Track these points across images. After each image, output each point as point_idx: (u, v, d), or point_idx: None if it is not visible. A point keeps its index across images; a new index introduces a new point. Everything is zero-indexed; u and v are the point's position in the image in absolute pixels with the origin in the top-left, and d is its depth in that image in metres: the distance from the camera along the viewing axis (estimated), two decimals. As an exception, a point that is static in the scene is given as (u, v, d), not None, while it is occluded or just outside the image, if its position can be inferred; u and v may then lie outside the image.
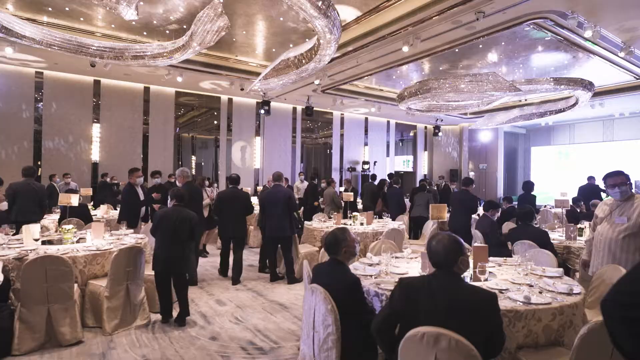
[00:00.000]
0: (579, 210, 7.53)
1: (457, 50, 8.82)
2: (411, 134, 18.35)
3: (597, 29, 6.84)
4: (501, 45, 8.86)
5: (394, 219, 7.00)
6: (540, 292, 2.59)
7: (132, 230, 5.01)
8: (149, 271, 4.17)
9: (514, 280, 2.88)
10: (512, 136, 17.86)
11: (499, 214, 5.12)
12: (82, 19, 7.58)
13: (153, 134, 11.17)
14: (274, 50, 9.14)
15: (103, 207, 7.49)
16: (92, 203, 8.28)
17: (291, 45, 8.70)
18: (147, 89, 11.02)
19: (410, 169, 18.06)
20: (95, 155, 10.41)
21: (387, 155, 16.64)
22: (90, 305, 3.68)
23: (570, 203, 7.58)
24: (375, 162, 15.71)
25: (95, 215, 7.00)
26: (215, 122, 13.78)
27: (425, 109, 12.02)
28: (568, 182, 14.97)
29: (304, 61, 7.41)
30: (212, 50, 9.07)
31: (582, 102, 10.38)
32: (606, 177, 3.41)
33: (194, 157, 17.59)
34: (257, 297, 4.72)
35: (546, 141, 17.65)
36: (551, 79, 9.25)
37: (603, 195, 8.85)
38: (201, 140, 17.25)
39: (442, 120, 15.98)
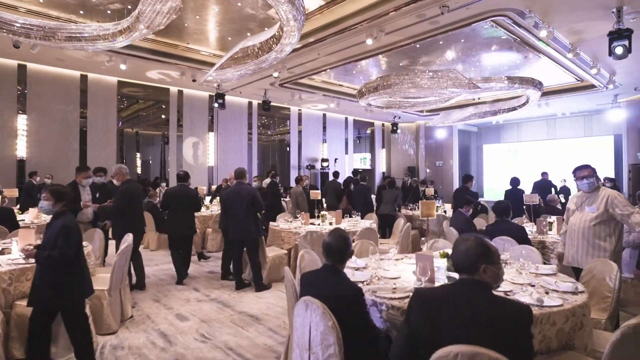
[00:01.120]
0: (537, 205, 7.73)
1: (417, 46, 8.78)
2: (368, 131, 18.36)
3: (551, 29, 7.03)
4: (460, 43, 8.93)
5: (362, 217, 6.75)
6: (547, 293, 2.39)
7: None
8: (95, 285, 3.54)
9: (513, 280, 2.69)
10: (465, 134, 18.45)
11: (471, 210, 5.00)
12: (3, -8, 6.55)
13: (92, 128, 10.09)
14: (229, 38, 8.54)
15: (32, 211, 6.50)
16: (18, 206, 7.21)
17: (249, 34, 8.17)
18: (84, 77, 9.91)
19: (367, 167, 18.07)
20: (21, 151, 9.15)
21: (346, 152, 16.50)
22: (17, 332, 3.00)
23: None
24: (336, 159, 15.52)
25: (23, 220, 6.05)
26: (164, 116, 12.81)
27: (385, 106, 11.97)
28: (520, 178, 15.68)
29: (264, 51, 6.93)
30: (160, 36, 8.30)
31: (533, 100, 10.80)
32: (575, 171, 3.60)
33: (138, 154, 16.33)
34: (224, 309, 4.21)
35: (496, 139, 18.43)
36: (505, 78, 9.52)
37: (553, 190, 9.27)
38: (147, 136, 16.03)
39: (399, 118, 16.11)
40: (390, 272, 2.85)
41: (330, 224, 5.89)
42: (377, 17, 6.76)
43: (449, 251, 2.85)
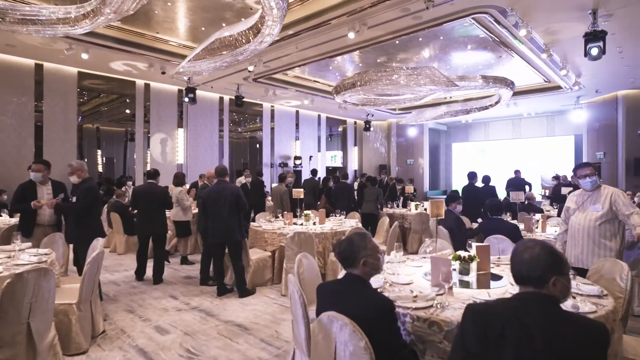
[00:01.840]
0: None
1: (397, 42, 8.69)
2: (339, 129, 18.24)
3: (529, 28, 7.13)
4: (439, 40, 8.93)
5: (345, 216, 6.55)
6: (574, 297, 2.26)
7: (29, 244, 3.77)
8: (61, 298, 3.12)
9: None
10: (435, 132, 18.73)
11: (460, 206, 4.90)
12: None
13: (49, 123, 9.28)
14: (203, 28, 8.07)
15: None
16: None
17: (224, 25, 7.74)
18: (39, 67, 9.07)
19: (338, 164, 17.94)
20: (-35, 147, 8.27)
21: (319, 150, 16.28)
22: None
23: (505, 195, 7.92)
24: (310, 157, 15.28)
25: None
26: (128, 111, 12.06)
27: (360, 103, 11.85)
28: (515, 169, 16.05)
29: (242, 42, 6.56)
30: (127, 24, 7.71)
31: (504, 100, 11.04)
32: (576, 169, 3.54)
33: (99, 152, 15.33)
34: (208, 319, 3.86)
35: (465, 138, 18.85)
36: (480, 77, 9.64)
37: (527, 187, 9.49)
38: (109, 133, 15.07)
39: (372, 116, 16.07)
40: (401, 277, 2.64)
41: (314, 223, 5.65)
42: (361, 10, 6.57)
43: (462, 253, 2.69)
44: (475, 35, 8.55)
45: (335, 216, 6.16)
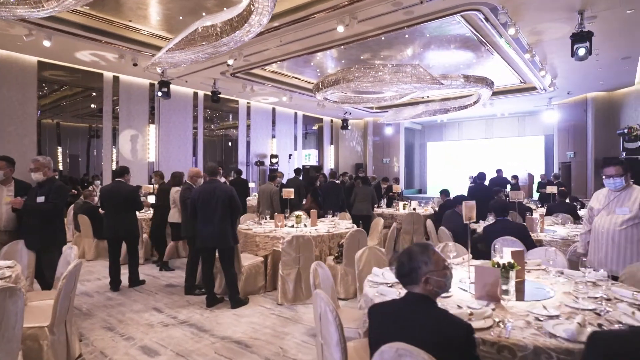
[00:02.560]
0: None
1: (383, 38, 8.52)
2: (314, 127, 17.93)
3: (517, 28, 7.13)
4: (424, 38, 8.82)
5: (327, 216, 6.27)
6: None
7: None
8: (30, 320, 2.64)
9: (576, 292, 2.27)
10: (410, 132, 18.81)
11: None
12: None
13: (5, 116, 8.41)
14: (180, 18, 7.54)
15: None
16: None
17: (204, 14, 7.25)
18: (-6, 55, 8.23)
19: (312, 163, 17.62)
20: None
21: (295, 148, 15.93)
22: None
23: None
24: (290, 155, 14.91)
25: None
26: (94, 105, 11.23)
27: (340, 101, 11.62)
28: (460, 175, 16.35)
29: (226, 32, 6.12)
30: (96, 9, 7.07)
31: (484, 99, 11.14)
32: (602, 167, 3.27)
33: (59, 148, 14.22)
34: (201, 335, 3.44)
35: (439, 137, 19.06)
36: (461, 76, 9.64)
37: (509, 186, 9.57)
38: (70, 129, 13.98)
39: (350, 114, 15.89)
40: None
41: (305, 225, 5.33)
42: (352, 2, 6.30)
43: (499, 260, 2.46)
44: (458, 34, 8.52)
45: (327, 217, 5.86)
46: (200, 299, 4.34)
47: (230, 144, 14.32)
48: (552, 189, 7.41)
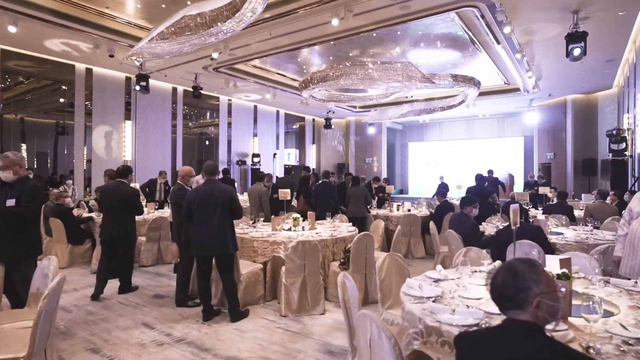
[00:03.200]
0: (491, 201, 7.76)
1: (374, 34, 8.31)
2: (295, 126, 17.56)
3: (512, 26, 7.06)
4: (415, 36, 8.67)
5: (326, 218, 5.97)
6: None
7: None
8: (2, 351, 2.20)
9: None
10: (391, 132, 18.76)
11: (476, 210, 4.52)
12: None
13: (-37, 110, 7.65)
14: (163, 6, 7.04)
15: None
16: None
17: (189, 2, 6.79)
18: (-51, 42, 7.44)
19: (294, 162, 17.25)
20: None
21: (277, 147, 15.53)
22: None
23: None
24: (274, 154, 14.52)
25: None
26: (63, 99, 10.47)
27: (327, 99, 11.34)
28: (440, 175, 16.41)
29: (215, 20, 5.71)
30: (70, -7, 6.48)
31: (470, 99, 11.13)
32: None
33: (24, 145, 13.22)
34: (202, 355, 3.05)
35: (420, 137, 19.11)
36: (450, 75, 9.56)
37: (500, 187, 9.60)
38: (35, 124, 13.00)
39: (333, 113, 15.63)
40: (483, 302, 2.11)
41: (303, 229, 5.01)
42: (349, -6, 6.03)
43: (554, 269, 2.22)
44: (449, 33, 8.44)
45: (327, 219, 5.55)
46: (194, 312, 3.93)
47: (208, 142, 13.78)
48: (544, 190, 7.38)
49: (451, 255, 4.69)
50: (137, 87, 8.66)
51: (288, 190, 5.49)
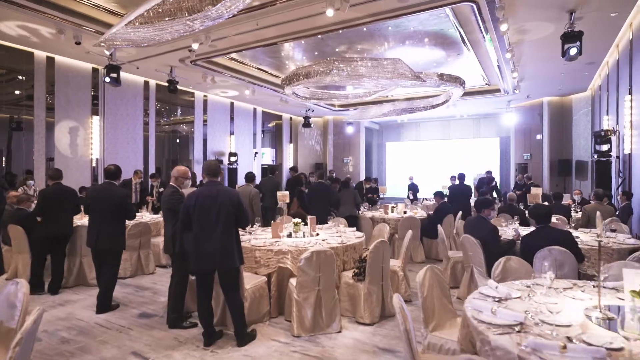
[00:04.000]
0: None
1: (365, 29, 7.99)
2: (271, 124, 17.00)
3: (509, 24, 6.94)
4: (407, 32, 8.42)
5: (324, 221, 5.59)
6: None
7: None
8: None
9: None
10: (368, 131, 18.57)
11: (495, 212, 4.26)
12: None
13: None
14: (140, -11, 6.34)
15: None
16: None
17: (170, -15, 6.16)
18: None
19: (269, 162, 16.68)
20: None
21: (254, 146, 14.93)
22: None
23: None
24: (255, 153, 13.93)
25: None
26: (19, 91, 9.46)
27: (310, 96, 10.91)
28: (419, 176, 16.40)
29: (206, 2, 5.16)
30: (31, -31, 5.69)
31: (455, 98, 11.04)
32: None
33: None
34: (215, 394, 2.57)
35: (397, 137, 19.05)
36: (436, 74, 9.41)
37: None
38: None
39: (312, 111, 15.22)
40: (557, 315, 1.78)
41: (304, 234, 4.57)
42: (350, -18, 5.64)
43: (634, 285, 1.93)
44: (440, 30, 8.27)
45: (329, 223, 5.15)
46: (192, 334, 3.41)
47: (182, 140, 13.01)
48: (537, 190, 7.32)
49: (467, 262, 4.43)
50: (107, 79, 7.86)
51: (287, 193, 5.03)
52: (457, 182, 7.72)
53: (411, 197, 11.56)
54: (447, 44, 9.15)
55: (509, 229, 4.62)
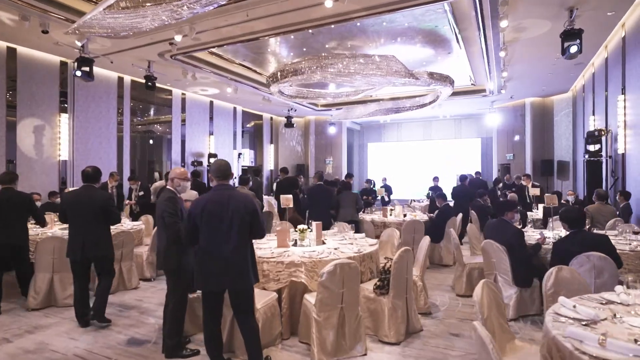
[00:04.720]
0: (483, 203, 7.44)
1: (358, 24, 7.66)
2: (250, 124, 16.41)
3: (509, 21, 6.77)
4: (402, 28, 8.14)
5: (326, 227, 5.18)
6: None
7: None
8: None
9: None
10: (350, 132, 18.30)
11: (518, 215, 3.98)
12: None
13: None
14: (117, -28, 5.71)
15: None
16: None
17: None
18: None
19: (248, 163, 16.07)
20: None
21: (234, 147, 14.32)
22: None
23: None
24: (239, 154, 13.29)
25: None
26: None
27: (295, 94, 10.47)
28: (398, 176, 16.30)
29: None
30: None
31: (443, 98, 10.90)
32: None
33: None
34: None
35: (378, 138, 18.87)
36: (426, 72, 9.21)
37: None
38: None
39: (295, 111, 14.76)
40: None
41: (310, 242, 4.15)
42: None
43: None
44: (434, 27, 8.05)
45: (334, 227, 4.74)
46: (193, 365, 2.91)
47: (158, 141, 12.28)
48: (534, 191, 7.19)
49: (488, 269, 4.13)
50: (79, 73, 7.13)
51: (290, 197, 4.59)
52: (452, 184, 7.53)
53: (386, 198, 11.20)
54: (439, 41, 8.97)
55: (535, 232, 4.36)
